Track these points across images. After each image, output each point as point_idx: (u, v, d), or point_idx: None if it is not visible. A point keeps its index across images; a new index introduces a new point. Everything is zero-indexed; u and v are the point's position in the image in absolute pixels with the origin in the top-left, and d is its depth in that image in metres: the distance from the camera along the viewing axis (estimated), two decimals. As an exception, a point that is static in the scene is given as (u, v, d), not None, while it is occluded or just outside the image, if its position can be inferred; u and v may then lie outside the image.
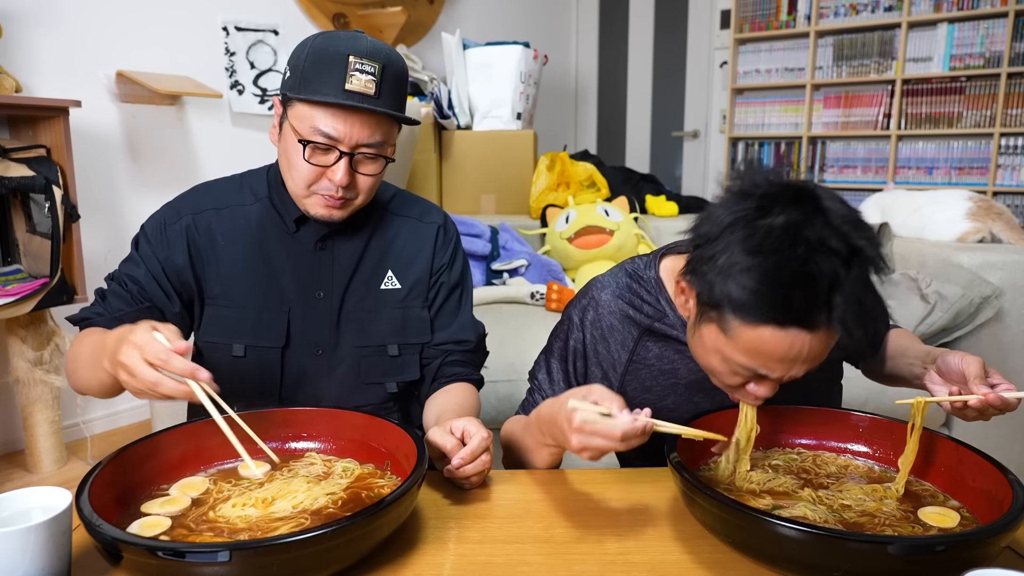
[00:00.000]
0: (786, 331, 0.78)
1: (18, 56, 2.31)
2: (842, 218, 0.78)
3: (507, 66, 3.32)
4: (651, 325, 1.05)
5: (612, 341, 1.07)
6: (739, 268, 0.78)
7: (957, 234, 2.29)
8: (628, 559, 0.77)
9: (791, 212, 0.78)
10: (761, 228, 0.78)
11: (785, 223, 0.77)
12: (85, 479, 0.74)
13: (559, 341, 1.12)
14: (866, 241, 0.78)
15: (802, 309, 0.77)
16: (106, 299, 1.09)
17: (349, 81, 0.99)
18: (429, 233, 1.21)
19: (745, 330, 0.81)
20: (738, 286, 0.78)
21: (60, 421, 2.31)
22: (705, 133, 4.74)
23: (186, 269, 1.11)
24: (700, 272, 0.84)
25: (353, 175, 1.05)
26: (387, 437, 0.90)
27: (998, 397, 0.86)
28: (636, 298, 1.06)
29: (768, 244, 0.77)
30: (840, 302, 0.76)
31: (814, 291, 0.76)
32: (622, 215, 2.73)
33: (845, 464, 0.94)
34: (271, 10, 3.08)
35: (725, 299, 0.80)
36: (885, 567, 0.65)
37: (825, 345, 0.81)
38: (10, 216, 2.18)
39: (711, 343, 0.87)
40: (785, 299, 0.77)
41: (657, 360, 1.06)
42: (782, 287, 0.76)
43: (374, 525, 0.70)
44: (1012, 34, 3.58)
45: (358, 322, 1.14)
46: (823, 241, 0.76)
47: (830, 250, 0.76)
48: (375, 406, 1.17)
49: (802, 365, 0.82)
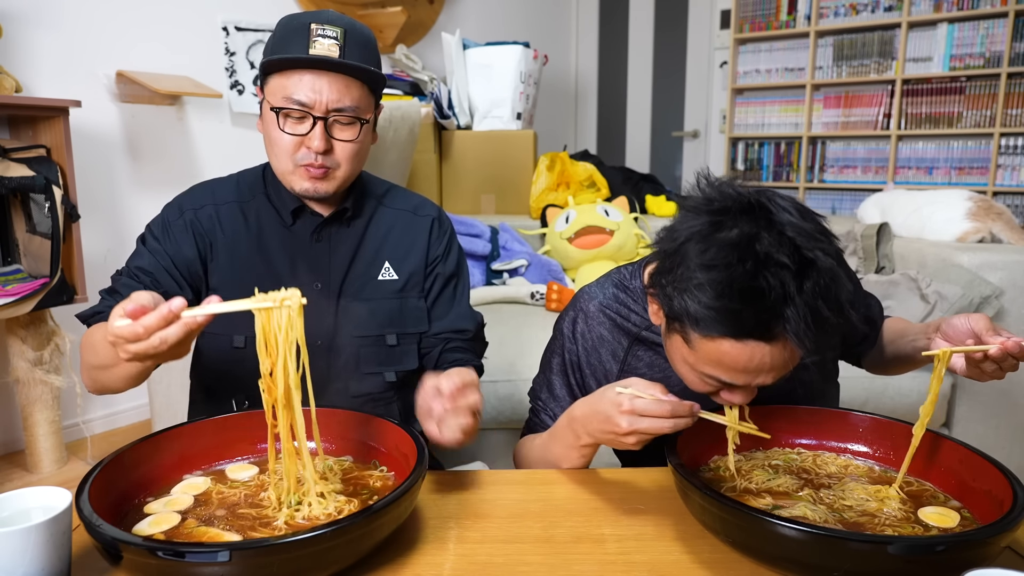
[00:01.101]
0: (744, 343, 0.79)
1: (18, 56, 2.31)
2: (795, 229, 0.79)
3: (507, 66, 3.32)
4: (639, 334, 1.06)
5: (603, 351, 1.08)
6: (694, 283, 0.80)
7: (957, 234, 2.29)
8: (628, 559, 0.77)
9: (743, 225, 0.79)
10: (714, 243, 0.79)
11: (736, 237, 0.78)
12: (85, 479, 0.74)
13: (556, 357, 1.13)
14: (819, 252, 0.78)
15: (754, 323, 0.78)
16: (116, 293, 1.09)
17: (313, 46, 1.03)
18: (424, 226, 1.23)
19: (704, 343, 0.82)
20: (693, 301, 0.80)
21: (60, 421, 2.31)
22: (705, 133, 4.74)
23: (195, 261, 1.13)
24: (660, 286, 0.86)
25: (330, 142, 1.07)
26: (386, 436, 0.90)
27: (1016, 344, 0.86)
28: (624, 307, 1.07)
29: (719, 258, 0.78)
30: (792, 315, 0.76)
31: (764, 305, 0.77)
32: (622, 215, 2.73)
33: (845, 464, 0.94)
34: (271, 10, 3.08)
35: (683, 313, 0.82)
36: (885, 567, 0.65)
37: (789, 354, 0.81)
38: (10, 216, 2.18)
39: (678, 354, 0.89)
40: (737, 314, 0.78)
41: (648, 369, 1.06)
42: (733, 302, 0.77)
43: (374, 525, 0.70)
44: (1012, 34, 3.58)
45: (356, 312, 1.16)
46: (771, 255, 0.77)
47: (779, 264, 0.76)
48: (375, 396, 1.18)
49: (768, 374, 0.83)
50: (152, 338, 0.73)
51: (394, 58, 3.47)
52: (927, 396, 0.86)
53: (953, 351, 0.87)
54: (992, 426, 2.05)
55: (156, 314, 0.73)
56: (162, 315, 0.73)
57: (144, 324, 0.73)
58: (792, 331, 0.77)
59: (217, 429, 0.91)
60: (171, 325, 0.74)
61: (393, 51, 3.48)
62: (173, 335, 0.74)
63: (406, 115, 2.85)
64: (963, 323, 0.93)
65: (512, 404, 1.92)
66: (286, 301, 0.76)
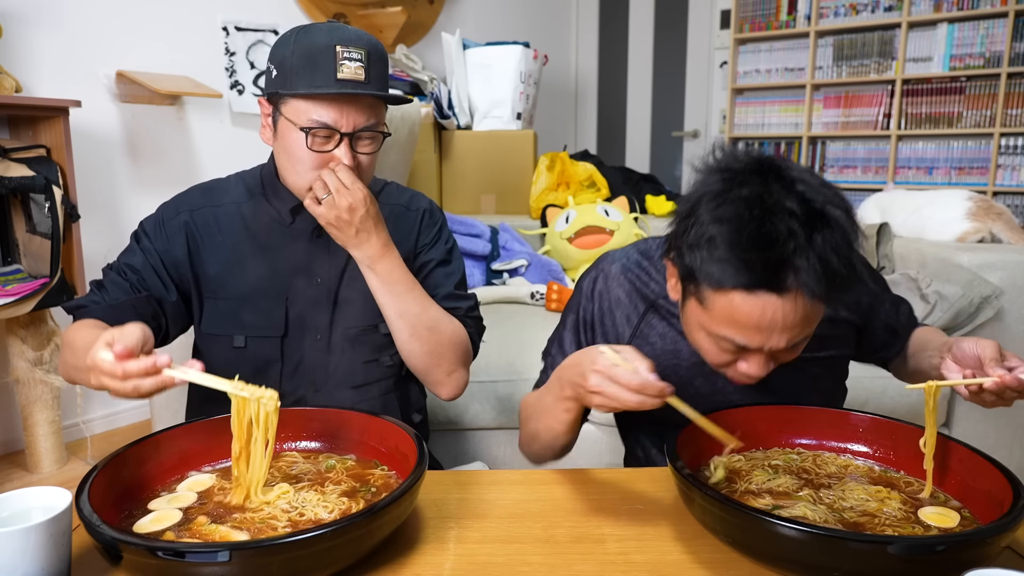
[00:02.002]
0: (755, 296, 0.80)
1: (18, 56, 2.31)
2: (806, 185, 0.81)
3: (507, 66, 3.32)
4: (656, 301, 1.06)
5: (618, 313, 1.08)
6: (706, 238, 0.82)
7: (957, 234, 2.29)
8: (628, 559, 0.77)
9: (754, 183, 0.81)
10: (726, 199, 0.81)
11: (748, 193, 0.81)
12: (85, 479, 0.74)
13: (572, 314, 1.13)
14: (829, 206, 0.80)
15: (764, 271, 0.79)
16: (103, 288, 1.10)
17: (340, 70, 1.04)
18: (415, 217, 1.25)
19: (718, 298, 0.83)
20: (706, 255, 0.82)
21: (60, 421, 2.31)
22: (705, 133, 4.74)
23: (184, 263, 1.13)
24: (676, 248, 0.87)
25: (355, 156, 1.09)
26: (386, 435, 0.90)
27: (1015, 378, 0.84)
28: (644, 274, 1.08)
29: (731, 212, 0.80)
30: (802, 264, 0.78)
31: (774, 252, 0.78)
32: (622, 215, 2.73)
33: (845, 464, 0.94)
34: (271, 10, 3.08)
35: (697, 270, 0.83)
36: (885, 567, 0.65)
37: (802, 314, 0.82)
38: (10, 216, 2.18)
39: (694, 318, 0.90)
40: (748, 263, 0.79)
41: (660, 339, 1.06)
42: (743, 251, 0.79)
43: (374, 525, 0.70)
44: (1012, 34, 3.58)
45: (351, 304, 1.17)
46: (780, 203, 0.79)
47: (788, 212, 0.79)
48: (374, 383, 1.19)
49: (781, 334, 0.83)
50: (127, 383, 0.76)
51: (394, 58, 3.47)
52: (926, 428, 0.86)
53: (941, 385, 0.86)
54: (992, 426, 2.05)
55: (140, 364, 0.76)
56: (144, 367, 0.76)
57: (125, 369, 0.76)
58: (803, 282, 0.78)
59: (217, 429, 0.91)
60: (149, 377, 0.77)
61: (393, 51, 3.48)
62: (147, 387, 0.77)
63: (406, 115, 2.85)
64: (971, 348, 0.90)
65: (512, 404, 1.92)
66: (263, 399, 0.80)
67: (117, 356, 0.76)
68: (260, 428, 0.81)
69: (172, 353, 1.16)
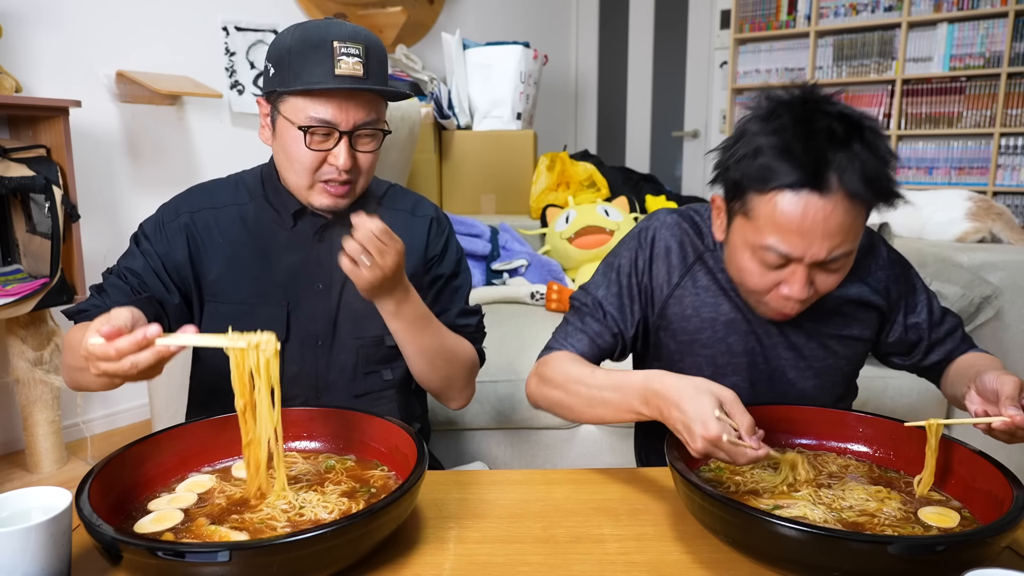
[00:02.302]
0: (798, 195, 0.86)
1: (18, 56, 2.31)
2: (844, 106, 0.90)
3: (507, 66, 3.32)
4: (703, 254, 1.10)
5: (669, 261, 1.11)
6: (753, 148, 0.89)
7: (957, 234, 2.29)
8: (628, 559, 0.77)
9: (796, 104, 0.90)
10: (773, 115, 0.90)
11: (790, 109, 0.89)
12: (85, 479, 0.74)
13: (621, 259, 1.13)
14: (865, 119, 0.89)
15: (807, 169, 0.85)
16: (103, 292, 1.09)
17: (338, 66, 1.02)
18: (422, 226, 1.22)
19: (763, 204, 0.89)
20: (753, 162, 0.89)
21: (60, 421, 2.31)
22: (705, 133, 4.74)
23: (185, 265, 1.12)
24: (723, 170, 0.95)
25: (354, 155, 1.07)
26: (386, 436, 0.90)
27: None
28: (694, 228, 1.12)
29: (777, 124, 0.89)
30: (844, 162, 0.85)
31: (814, 144, 0.86)
32: (622, 215, 2.73)
33: (845, 464, 0.94)
34: (271, 10, 3.08)
35: (743, 179, 0.90)
36: (885, 567, 0.65)
37: (843, 218, 0.87)
38: (10, 216, 2.18)
39: (740, 238, 0.95)
40: (792, 162, 0.86)
41: (704, 292, 1.09)
42: (785, 150, 0.87)
43: (374, 525, 0.70)
44: (1012, 34, 3.58)
45: (356, 313, 1.15)
46: (824, 111, 0.88)
47: (829, 114, 0.88)
48: (374, 394, 1.18)
49: (822, 240, 0.88)
50: (123, 361, 0.76)
51: (394, 58, 3.47)
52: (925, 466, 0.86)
53: (944, 423, 0.85)
54: (992, 426, 2.05)
55: (130, 339, 0.75)
56: (136, 340, 0.75)
57: (117, 347, 0.75)
58: (844, 181, 0.85)
59: (217, 429, 0.91)
60: (144, 351, 0.76)
61: (393, 51, 3.48)
62: (144, 360, 0.76)
63: (406, 115, 2.85)
64: (992, 382, 0.89)
65: (512, 404, 1.91)
66: (261, 345, 0.78)
67: (106, 336, 0.75)
68: (262, 377, 0.78)
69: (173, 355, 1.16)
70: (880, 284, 1.10)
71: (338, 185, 1.08)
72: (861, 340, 1.12)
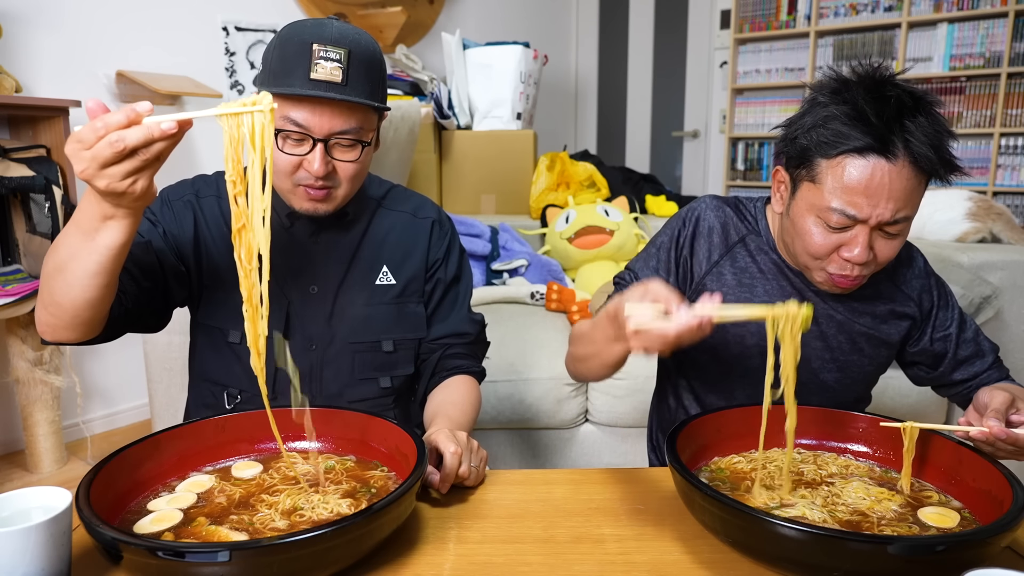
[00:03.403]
0: (866, 158, 0.92)
1: (18, 56, 2.31)
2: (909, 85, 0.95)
3: (507, 66, 3.32)
4: (745, 236, 1.14)
5: (709, 240, 1.14)
6: (823, 116, 0.95)
7: (957, 234, 2.29)
8: (628, 559, 0.77)
9: (867, 78, 0.96)
10: (842, 90, 0.96)
11: (861, 82, 0.96)
12: (85, 479, 0.74)
13: (663, 236, 1.17)
14: (928, 94, 0.94)
15: (875, 130, 0.90)
16: None
17: (314, 70, 0.98)
18: (423, 228, 1.20)
19: (831, 168, 0.94)
20: (823, 130, 0.94)
21: (60, 421, 2.31)
22: (705, 133, 4.74)
23: (190, 244, 1.10)
24: (790, 141, 1.00)
25: (331, 164, 1.03)
26: (386, 436, 0.90)
27: (1003, 431, 0.82)
28: (738, 212, 1.16)
29: (848, 96, 0.94)
30: (910, 126, 0.90)
31: (884, 110, 0.91)
32: (622, 215, 2.73)
33: (845, 464, 0.94)
34: (271, 10, 3.08)
35: (812, 146, 0.95)
36: (885, 567, 0.65)
37: (907, 183, 0.92)
38: (10, 216, 2.18)
39: (805, 203, 0.99)
40: (863, 127, 0.91)
41: (741, 273, 1.13)
42: (856, 118, 0.92)
43: (374, 525, 0.70)
44: (1012, 34, 3.58)
45: (352, 317, 1.14)
46: (890, 82, 0.95)
47: (898, 86, 0.94)
48: (371, 402, 1.16)
49: (887, 202, 0.92)
50: (110, 135, 0.70)
51: (394, 58, 3.47)
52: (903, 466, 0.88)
53: (919, 427, 0.86)
54: (992, 426, 2.05)
55: (119, 112, 0.70)
56: (125, 113, 0.70)
57: (104, 120, 0.70)
58: (911, 148, 0.90)
59: (217, 429, 0.91)
60: (132, 127, 0.70)
61: (393, 51, 3.48)
62: (132, 137, 0.70)
63: (406, 115, 2.85)
64: (986, 396, 0.90)
65: (512, 404, 1.92)
66: (254, 108, 0.71)
67: (90, 112, 0.70)
68: (257, 149, 0.72)
69: (171, 343, 1.15)
70: (914, 292, 1.13)
71: (316, 191, 1.04)
72: (887, 344, 1.14)
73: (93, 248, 0.82)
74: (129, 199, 0.77)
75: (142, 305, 1.03)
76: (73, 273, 0.85)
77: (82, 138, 0.71)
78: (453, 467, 0.88)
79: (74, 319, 0.90)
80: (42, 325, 0.94)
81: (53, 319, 0.91)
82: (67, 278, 0.85)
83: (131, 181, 0.75)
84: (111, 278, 0.87)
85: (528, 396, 1.92)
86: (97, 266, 0.83)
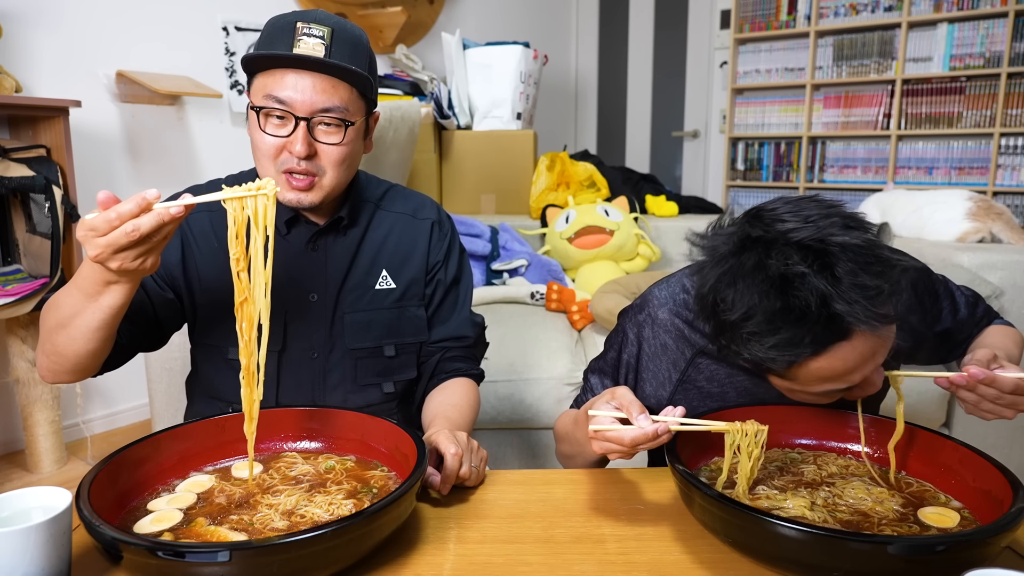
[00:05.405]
0: (828, 354, 0.78)
1: (18, 56, 2.31)
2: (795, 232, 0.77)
3: (507, 66, 3.32)
4: (705, 347, 1.03)
5: (665, 360, 1.06)
6: (744, 335, 0.80)
7: (957, 234, 2.29)
8: (628, 559, 0.77)
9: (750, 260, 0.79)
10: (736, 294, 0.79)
11: (750, 273, 0.78)
12: (85, 479, 0.74)
13: (613, 352, 1.12)
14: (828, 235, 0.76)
15: (819, 335, 0.77)
16: None
17: (297, 45, 0.99)
18: (423, 230, 1.19)
19: (798, 371, 0.82)
20: (759, 349, 0.80)
21: (60, 421, 2.31)
22: (705, 133, 4.74)
23: (177, 266, 1.09)
24: (722, 347, 0.87)
25: (314, 146, 1.02)
26: (386, 437, 0.90)
27: (983, 371, 0.82)
28: (693, 317, 1.03)
29: (747, 305, 0.78)
30: (845, 308, 0.75)
31: (813, 318, 0.75)
32: (622, 215, 2.73)
33: (845, 464, 0.94)
34: (271, 10, 3.06)
35: (761, 360, 0.82)
36: (885, 567, 0.65)
37: (878, 341, 0.80)
38: (10, 216, 2.18)
39: (785, 386, 0.89)
40: (799, 339, 0.77)
41: (707, 382, 1.04)
42: (787, 333, 0.77)
43: (374, 525, 0.70)
44: (1012, 34, 3.58)
45: (353, 324, 1.13)
46: (786, 273, 0.76)
47: (798, 275, 0.75)
48: (374, 407, 1.15)
49: (872, 361, 0.82)
50: (125, 225, 0.74)
51: (394, 58, 3.47)
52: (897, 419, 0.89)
53: (904, 375, 0.88)
54: (992, 426, 2.05)
55: (130, 201, 0.74)
56: (136, 202, 0.74)
57: (117, 211, 0.74)
58: (857, 320, 0.75)
59: (217, 429, 0.91)
60: (144, 214, 0.75)
61: (393, 51, 3.48)
62: (146, 224, 0.74)
63: (406, 115, 2.85)
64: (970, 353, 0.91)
65: (512, 404, 1.92)
66: (259, 194, 0.77)
67: (101, 204, 0.74)
68: (259, 227, 0.77)
69: (171, 343, 1.14)
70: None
71: (300, 177, 1.02)
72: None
73: (96, 308, 0.87)
74: (137, 274, 0.82)
75: (136, 339, 1.06)
76: (77, 328, 0.90)
77: (95, 226, 0.75)
78: (454, 468, 0.88)
79: (76, 366, 0.96)
80: (43, 370, 0.99)
81: (55, 366, 0.96)
82: (70, 332, 0.90)
83: (142, 260, 0.79)
84: (112, 331, 0.92)
85: (528, 396, 1.92)
86: (99, 323, 0.88)
